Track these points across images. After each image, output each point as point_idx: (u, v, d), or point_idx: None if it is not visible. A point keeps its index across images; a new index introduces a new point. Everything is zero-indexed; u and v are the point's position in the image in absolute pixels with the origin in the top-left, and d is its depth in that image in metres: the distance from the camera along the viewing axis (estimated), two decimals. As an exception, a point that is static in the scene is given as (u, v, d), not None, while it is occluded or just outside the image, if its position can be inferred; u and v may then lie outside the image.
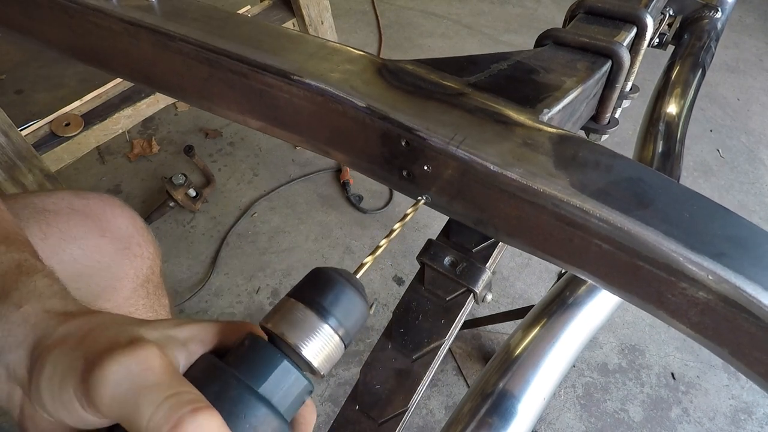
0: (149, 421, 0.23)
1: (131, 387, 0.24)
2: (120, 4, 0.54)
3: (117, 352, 0.24)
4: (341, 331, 0.29)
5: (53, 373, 0.25)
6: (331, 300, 0.29)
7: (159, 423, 0.23)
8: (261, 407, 0.26)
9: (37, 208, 0.62)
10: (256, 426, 0.26)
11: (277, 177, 1.82)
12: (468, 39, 2.55)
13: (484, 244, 0.52)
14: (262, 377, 0.27)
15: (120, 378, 0.24)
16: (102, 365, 0.24)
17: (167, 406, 0.23)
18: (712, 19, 0.87)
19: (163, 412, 0.23)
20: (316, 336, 0.28)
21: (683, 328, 0.36)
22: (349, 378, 1.32)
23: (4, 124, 1.15)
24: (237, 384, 0.27)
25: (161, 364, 0.25)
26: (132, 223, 0.72)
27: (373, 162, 0.48)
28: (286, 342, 0.28)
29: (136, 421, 0.23)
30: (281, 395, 0.28)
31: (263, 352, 0.28)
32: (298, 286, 0.30)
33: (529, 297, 1.54)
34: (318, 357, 0.29)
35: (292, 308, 0.29)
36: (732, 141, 2.09)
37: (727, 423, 1.31)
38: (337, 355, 0.30)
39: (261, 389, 0.27)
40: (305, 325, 0.28)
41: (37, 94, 2.09)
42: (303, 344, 0.28)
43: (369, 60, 0.49)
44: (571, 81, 0.50)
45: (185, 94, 0.58)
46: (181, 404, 0.23)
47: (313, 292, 0.30)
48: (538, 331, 0.55)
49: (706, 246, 0.32)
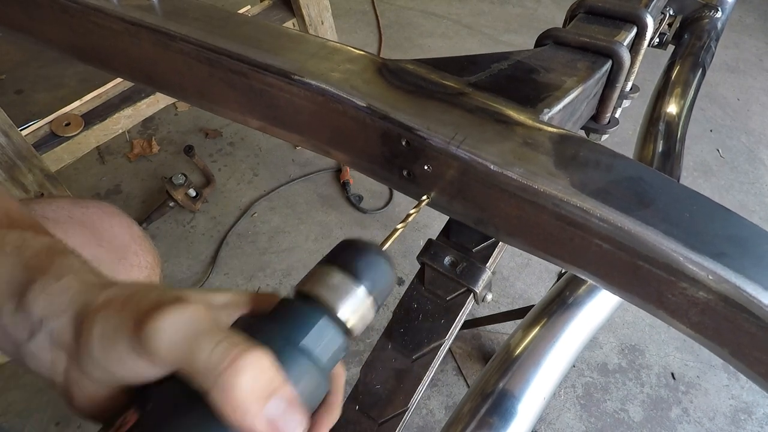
0: (207, 360, 0.24)
1: (186, 334, 0.25)
2: (121, 4, 0.54)
3: (168, 306, 0.26)
4: (373, 294, 0.31)
5: (104, 331, 0.27)
6: (363, 265, 0.31)
7: (217, 360, 0.24)
8: (303, 359, 0.28)
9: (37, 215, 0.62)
10: (298, 376, 0.27)
11: (277, 177, 1.82)
12: (468, 39, 2.54)
13: (485, 244, 0.52)
14: (302, 332, 0.29)
15: (175, 327, 0.25)
16: (156, 317, 0.25)
17: (223, 346, 0.25)
18: (712, 18, 0.87)
19: (220, 351, 0.24)
20: (351, 297, 0.30)
21: (683, 328, 0.36)
22: (349, 378, 1.32)
23: (4, 124, 1.15)
24: (279, 337, 0.28)
25: (208, 317, 0.27)
26: (129, 232, 0.72)
27: (374, 162, 0.48)
28: (323, 303, 0.30)
29: (194, 362, 0.25)
30: (320, 350, 0.29)
31: (303, 310, 0.30)
32: (329, 254, 0.32)
33: (529, 297, 1.54)
34: (353, 318, 0.30)
35: (326, 272, 0.30)
36: (732, 141, 2.09)
37: (727, 423, 1.31)
38: (369, 317, 0.31)
39: (302, 343, 0.28)
40: (340, 287, 0.30)
41: (37, 94, 2.09)
42: (339, 305, 0.30)
43: (369, 60, 0.49)
44: (571, 81, 0.50)
45: (186, 94, 0.58)
46: (235, 344, 0.25)
47: (345, 258, 0.31)
48: (538, 331, 0.55)
49: (707, 246, 0.32)
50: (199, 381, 0.25)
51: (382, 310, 1.47)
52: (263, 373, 0.25)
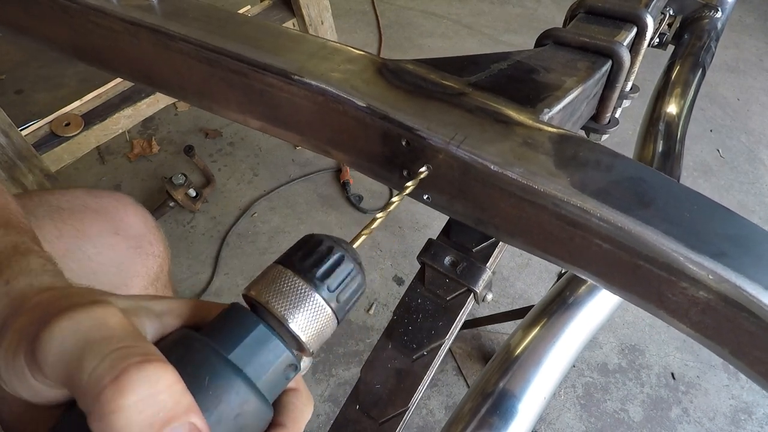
0: (90, 374, 0.19)
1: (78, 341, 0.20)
2: (120, 4, 0.54)
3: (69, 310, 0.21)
4: (334, 304, 0.26)
5: (11, 342, 0.23)
6: (324, 268, 0.26)
7: (101, 374, 0.19)
8: (229, 373, 0.23)
9: (52, 205, 0.63)
10: (222, 395, 0.22)
11: (277, 177, 1.82)
12: (468, 39, 2.54)
13: (485, 244, 0.52)
14: (233, 343, 0.24)
15: (67, 334, 0.21)
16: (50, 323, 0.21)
17: (113, 357, 0.20)
18: (712, 18, 0.87)
19: (108, 363, 0.19)
20: (306, 307, 0.25)
21: (684, 328, 0.36)
22: (349, 378, 1.32)
23: (4, 124, 1.15)
24: (203, 348, 0.23)
25: (118, 322, 0.22)
26: (144, 221, 0.72)
27: (374, 161, 0.48)
28: (272, 312, 0.25)
29: (77, 376, 0.20)
30: (257, 365, 0.24)
31: (238, 318, 0.25)
32: (287, 252, 0.27)
33: (529, 297, 1.54)
34: (307, 331, 0.25)
35: (279, 275, 0.26)
36: (732, 141, 2.09)
37: (727, 423, 1.31)
38: (328, 331, 0.26)
39: (231, 355, 0.24)
40: (293, 294, 0.25)
41: (37, 94, 2.09)
42: (290, 315, 0.25)
43: (369, 60, 0.49)
44: (571, 81, 0.50)
45: (186, 94, 0.58)
46: (129, 355, 0.20)
47: (303, 259, 0.26)
48: (538, 331, 0.55)
49: (707, 245, 0.32)
50: (81, 405, 0.19)
51: (382, 310, 1.47)
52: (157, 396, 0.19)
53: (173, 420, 0.19)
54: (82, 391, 0.19)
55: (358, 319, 1.45)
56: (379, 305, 1.49)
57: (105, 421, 0.18)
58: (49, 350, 0.20)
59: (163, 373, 0.20)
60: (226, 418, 0.22)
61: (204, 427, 0.20)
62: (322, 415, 1.25)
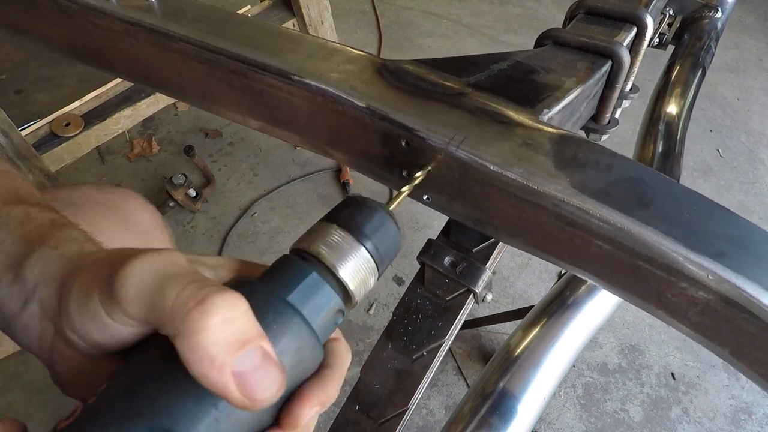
0: (175, 299, 0.21)
1: (156, 276, 0.23)
2: (120, 4, 0.54)
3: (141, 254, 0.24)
4: (377, 256, 0.29)
5: (81, 288, 0.25)
6: (368, 224, 0.29)
7: (186, 298, 0.21)
8: (290, 312, 0.25)
9: (64, 201, 0.63)
10: (281, 332, 0.24)
11: (277, 177, 1.82)
12: (468, 39, 2.54)
13: (484, 244, 0.52)
14: (290, 288, 0.26)
15: (145, 271, 0.23)
16: (125, 264, 0.23)
17: (192, 288, 0.22)
18: (712, 19, 0.87)
19: (188, 293, 0.22)
20: (353, 258, 0.28)
21: (683, 328, 0.36)
22: (349, 378, 1.31)
23: (4, 124, 1.15)
24: (264, 290, 0.26)
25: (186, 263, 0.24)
26: (152, 217, 0.73)
27: (374, 162, 0.48)
28: (323, 262, 0.27)
29: (161, 304, 0.22)
30: (312, 308, 0.26)
31: (292, 267, 0.27)
32: (331, 211, 0.30)
33: (529, 297, 1.54)
34: (353, 280, 0.28)
35: (327, 230, 0.28)
36: (732, 141, 2.09)
37: (727, 423, 1.31)
38: (371, 281, 0.29)
39: (290, 297, 0.26)
40: (341, 246, 0.28)
41: (37, 94, 2.09)
42: (339, 265, 0.27)
43: (369, 60, 0.49)
44: (571, 81, 0.50)
45: (185, 94, 0.58)
46: (208, 284, 0.22)
47: (349, 216, 0.29)
48: (538, 331, 0.55)
49: (706, 246, 0.32)
50: (166, 330, 0.22)
51: (382, 310, 1.47)
52: (235, 320, 0.21)
53: (249, 343, 0.22)
54: (167, 317, 0.21)
55: (358, 319, 1.45)
56: (379, 305, 1.49)
57: (193, 339, 0.21)
58: (130, 285, 0.23)
59: (239, 301, 0.22)
60: (288, 350, 0.25)
61: (272, 353, 0.23)
62: (322, 415, 1.25)
